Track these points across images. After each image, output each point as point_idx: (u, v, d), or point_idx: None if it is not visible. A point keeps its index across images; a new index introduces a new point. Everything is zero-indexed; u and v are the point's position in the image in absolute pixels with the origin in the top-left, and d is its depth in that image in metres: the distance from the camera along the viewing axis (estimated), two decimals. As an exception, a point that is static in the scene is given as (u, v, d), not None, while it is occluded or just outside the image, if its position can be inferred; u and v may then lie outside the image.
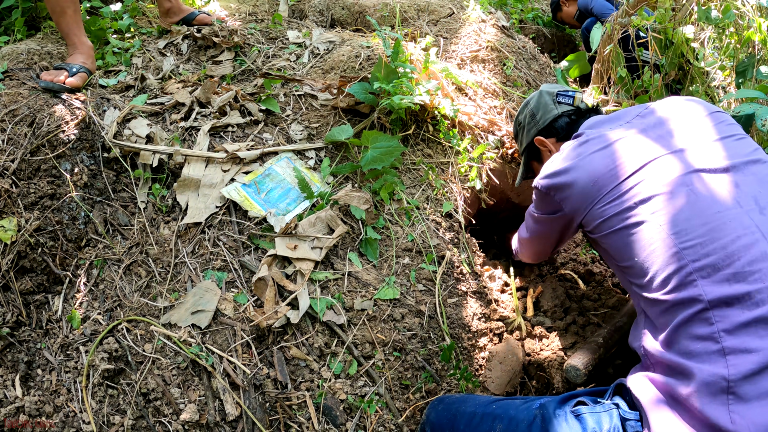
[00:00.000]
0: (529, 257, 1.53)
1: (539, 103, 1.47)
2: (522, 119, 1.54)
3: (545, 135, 1.45)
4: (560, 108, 1.43)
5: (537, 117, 1.47)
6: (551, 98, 1.45)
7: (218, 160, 1.51)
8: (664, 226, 0.97)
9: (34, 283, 1.30)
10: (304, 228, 1.40)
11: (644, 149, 1.07)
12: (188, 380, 1.23)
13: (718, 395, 0.84)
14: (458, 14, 2.43)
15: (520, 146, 1.59)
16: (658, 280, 0.97)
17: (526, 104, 1.53)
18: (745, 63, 2.01)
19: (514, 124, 1.60)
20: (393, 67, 1.60)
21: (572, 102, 1.43)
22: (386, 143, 1.53)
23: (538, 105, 1.47)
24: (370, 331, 1.36)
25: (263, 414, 1.22)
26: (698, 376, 0.87)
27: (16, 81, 1.57)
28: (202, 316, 1.29)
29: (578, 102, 1.43)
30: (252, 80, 1.81)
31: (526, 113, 1.51)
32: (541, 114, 1.46)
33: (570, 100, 1.43)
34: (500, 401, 1.13)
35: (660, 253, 0.97)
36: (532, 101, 1.50)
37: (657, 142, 1.08)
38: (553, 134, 1.44)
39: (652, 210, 1.00)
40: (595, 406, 1.00)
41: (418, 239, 1.54)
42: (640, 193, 1.02)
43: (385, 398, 1.31)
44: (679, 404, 0.90)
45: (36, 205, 1.35)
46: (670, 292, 0.95)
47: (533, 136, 1.48)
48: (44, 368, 1.24)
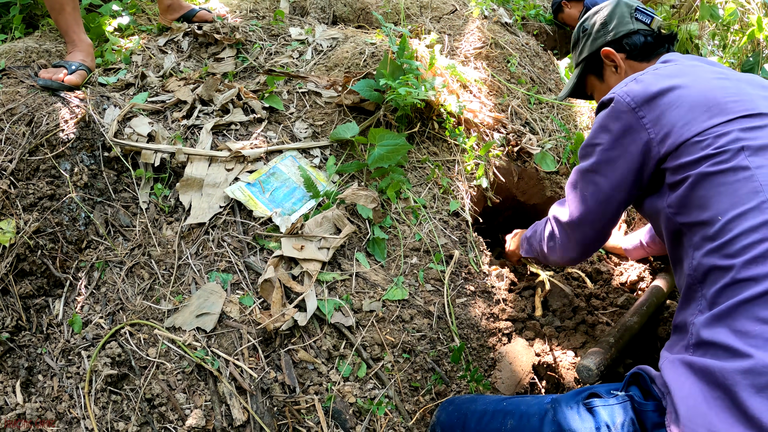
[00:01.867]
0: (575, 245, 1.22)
1: (614, 12, 1.33)
2: (588, 26, 1.39)
3: (615, 48, 1.32)
4: (637, 24, 1.30)
5: (609, 27, 1.33)
6: (629, 10, 1.32)
7: (221, 158, 1.48)
8: (766, 186, 0.87)
9: (33, 287, 1.27)
10: (310, 228, 1.37)
11: (756, 99, 0.96)
12: (194, 385, 1.20)
13: (764, 389, 0.75)
14: (461, 11, 2.41)
15: (577, 55, 1.45)
16: (739, 245, 0.86)
17: (597, 11, 1.39)
18: (751, 62, 2.00)
19: (577, 29, 1.45)
20: (399, 63, 1.57)
21: (650, 23, 1.31)
22: (393, 141, 1.51)
23: (612, 14, 1.34)
24: (379, 332, 1.33)
25: (271, 419, 1.19)
26: (749, 362, 0.78)
27: (14, 79, 1.54)
28: (207, 319, 1.26)
29: (656, 24, 1.31)
30: (254, 77, 1.78)
31: (596, 20, 1.37)
32: (615, 24, 1.32)
33: (648, 20, 1.31)
34: (511, 398, 1.10)
35: (751, 216, 0.86)
36: (605, 9, 1.36)
37: (765, 101, 0.97)
38: (624, 50, 1.31)
39: (758, 164, 0.88)
40: (608, 399, 0.94)
41: (426, 238, 1.51)
42: (751, 140, 0.90)
43: (394, 401, 1.29)
44: (716, 391, 0.81)
45: (35, 206, 1.32)
46: (747, 263, 0.84)
47: (600, 46, 1.34)
48: (45, 374, 1.20)
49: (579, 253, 1.24)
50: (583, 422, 0.92)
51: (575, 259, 1.27)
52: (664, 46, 1.30)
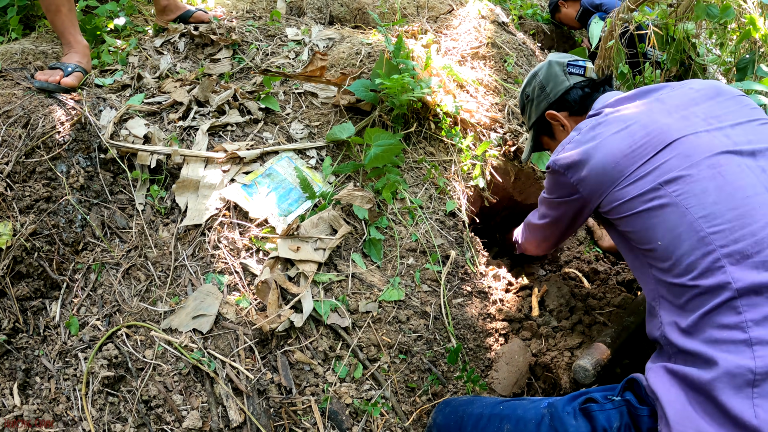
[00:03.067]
0: (535, 247, 1.45)
1: (549, 74, 1.38)
2: (530, 91, 1.44)
3: (557, 108, 1.37)
4: (572, 79, 1.34)
5: (547, 89, 1.38)
6: (561, 69, 1.36)
7: (218, 160, 1.48)
8: (691, 209, 0.93)
9: (30, 289, 1.27)
10: (306, 229, 1.37)
11: (668, 128, 1.02)
12: (190, 386, 1.20)
13: (743, 388, 0.80)
14: (458, 11, 2.41)
15: (528, 120, 1.51)
16: (684, 264, 0.93)
17: (534, 75, 1.43)
18: (746, 60, 1.99)
19: (521, 96, 1.50)
20: (395, 63, 1.57)
21: (584, 72, 1.34)
22: (388, 141, 1.51)
23: (548, 76, 1.38)
24: (375, 333, 1.34)
25: (268, 420, 1.19)
26: (722, 366, 0.82)
27: (10, 81, 1.54)
28: (204, 320, 1.26)
29: (590, 73, 1.35)
30: (251, 78, 1.78)
31: (535, 85, 1.42)
32: (552, 86, 1.36)
33: (581, 71, 1.34)
34: (508, 402, 1.10)
35: (686, 237, 0.92)
36: (541, 72, 1.41)
37: (681, 122, 1.03)
38: (565, 107, 1.36)
39: (677, 191, 0.95)
40: (605, 403, 0.97)
41: (422, 239, 1.52)
42: (665, 174, 0.97)
43: (391, 402, 1.29)
44: (699, 396, 0.85)
45: (31, 208, 1.32)
46: (696, 278, 0.91)
47: (544, 110, 1.39)
48: (43, 376, 1.21)
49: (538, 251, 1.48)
50: (580, 427, 0.94)
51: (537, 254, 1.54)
52: (601, 91, 1.33)
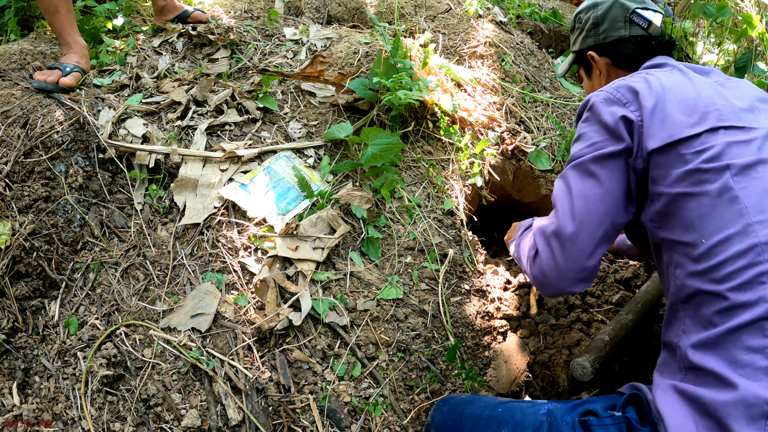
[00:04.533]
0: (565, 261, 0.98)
1: (608, 14, 1.24)
2: (583, 19, 1.31)
3: (600, 51, 1.26)
4: (631, 30, 1.20)
5: (600, 29, 1.25)
6: (624, 13, 1.21)
7: (216, 159, 1.48)
8: (750, 210, 0.83)
9: (29, 288, 1.27)
10: (305, 228, 1.38)
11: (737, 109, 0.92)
12: (189, 385, 1.20)
13: (757, 420, 0.74)
14: (455, 10, 2.41)
15: (571, 42, 1.40)
16: (725, 271, 0.82)
17: (594, 5, 1.29)
18: (744, 58, 2.00)
19: (574, 17, 1.36)
20: (392, 62, 1.58)
21: (647, 27, 1.19)
22: (386, 140, 1.51)
23: (605, 15, 1.24)
24: (374, 331, 1.34)
25: (266, 418, 1.19)
26: (740, 393, 0.76)
27: (9, 81, 1.54)
28: (202, 319, 1.26)
29: (654, 30, 1.20)
30: (249, 78, 1.78)
31: (590, 16, 1.28)
32: (605, 27, 1.23)
33: (645, 24, 1.20)
34: (506, 404, 1.09)
35: (737, 241, 0.82)
36: (601, 6, 1.26)
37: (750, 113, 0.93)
38: (609, 55, 1.25)
39: (744, 184, 0.84)
40: (605, 418, 0.92)
41: (420, 237, 1.52)
42: (735, 157, 0.85)
43: (389, 400, 1.29)
44: (709, 422, 0.79)
45: (30, 208, 1.32)
46: (734, 289, 0.81)
47: (588, 46, 1.28)
48: (42, 375, 1.21)
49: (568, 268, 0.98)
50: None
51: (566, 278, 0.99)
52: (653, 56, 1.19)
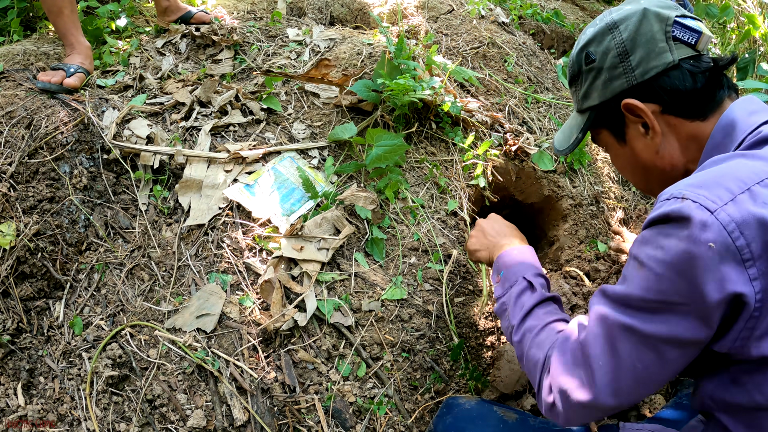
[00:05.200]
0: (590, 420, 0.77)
1: (639, 32, 0.80)
2: (596, 53, 0.85)
3: (642, 96, 0.81)
4: (678, 50, 0.78)
5: (633, 59, 0.80)
6: (662, 27, 0.79)
7: (220, 160, 1.49)
8: None
9: (34, 289, 1.28)
10: (310, 229, 1.38)
11: None
12: (194, 385, 1.20)
13: None
14: (458, 11, 2.42)
15: (579, 98, 0.92)
16: None
17: (612, 27, 0.83)
18: (746, 59, 2.00)
19: (577, 55, 0.90)
20: (396, 63, 1.58)
21: (696, 41, 0.78)
22: (390, 141, 1.51)
23: (636, 35, 0.80)
24: (378, 332, 1.34)
25: (272, 418, 1.20)
26: None
27: (13, 82, 1.54)
28: (207, 319, 1.26)
29: (706, 44, 0.79)
30: (252, 79, 1.78)
31: (612, 46, 0.82)
32: (642, 55, 0.79)
33: (693, 38, 0.78)
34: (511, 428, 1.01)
35: None
36: (627, 24, 0.81)
37: None
38: (658, 99, 0.80)
39: None
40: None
41: (424, 238, 1.52)
42: None
43: (394, 400, 1.30)
44: None
45: (35, 208, 1.32)
46: None
47: (619, 93, 0.83)
48: (46, 376, 1.21)
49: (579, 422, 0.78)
50: None
51: None
52: (723, 85, 0.80)
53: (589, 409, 0.72)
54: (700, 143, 0.80)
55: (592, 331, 0.72)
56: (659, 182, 0.85)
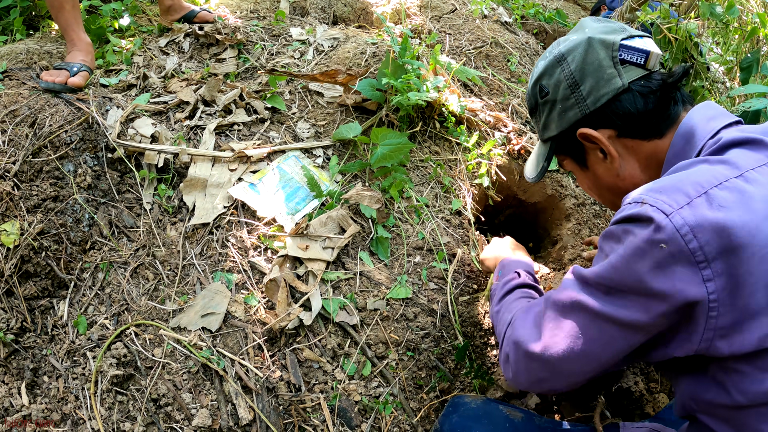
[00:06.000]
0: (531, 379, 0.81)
1: (587, 62, 0.81)
2: (549, 86, 0.87)
3: (595, 123, 0.83)
4: (626, 74, 0.79)
5: (583, 88, 0.81)
6: (608, 53, 0.80)
7: (225, 159, 1.48)
8: None
9: (38, 288, 1.27)
10: (315, 228, 1.38)
11: None
12: (199, 385, 1.20)
13: None
14: (461, 10, 2.42)
15: (540, 128, 0.95)
16: None
17: (560, 59, 0.85)
18: (750, 59, 2.00)
19: (531, 88, 0.93)
20: (401, 63, 1.58)
21: (645, 61, 0.78)
22: (395, 140, 1.51)
23: (584, 65, 0.81)
24: (384, 331, 1.34)
25: (277, 417, 1.19)
26: None
27: (16, 81, 1.54)
28: (213, 318, 1.26)
29: (655, 61, 0.79)
30: (256, 78, 1.78)
31: (562, 78, 0.84)
32: (591, 84, 0.81)
33: (641, 58, 0.78)
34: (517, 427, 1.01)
35: None
36: (573, 54, 0.83)
37: None
38: (611, 124, 0.82)
39: None
40: None
41: (429, 237, 1.52)
42: None
43: (399, 398, 1.29)
44: None
45: (39, 207, 1.32)
46: None
47: (573, 123, 0.85)
48: (51, 375, 1.21)
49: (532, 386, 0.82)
50: None
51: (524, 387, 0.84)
52: (677, 100, 0.80)
53: (536, 362, 0.77)
54: (660, 160, 0.82)
55: (555, 300, 0.78)
56: None
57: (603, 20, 0.87)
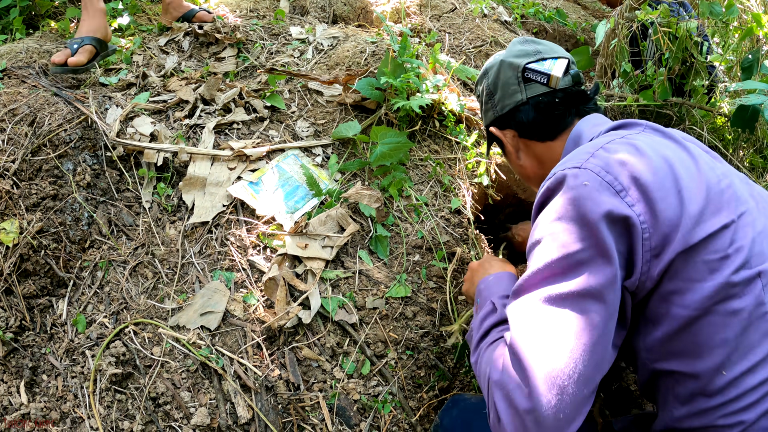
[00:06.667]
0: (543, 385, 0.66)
1: (498, 79, 1.03)
2: (479, 91, 1.14)
3: (501, 125, 1.05)
4: (529, 90, 0.98)
5: (495, 98, 1.05)
6: (515, 74, 1.00)
7: (224, 157, 1.48)
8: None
9: (37, 287, 1.27)
10: (314, 226, 1.38)
11: (732, 193, 0.73)
12: (198, 383, 1.20)
13: None
14: (460, 9, 2.41)
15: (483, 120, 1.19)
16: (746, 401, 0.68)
17: (484, 74, 1.10)
18: (750, 59, 2.00)
19: (474, 91, 1.22)
20: (400, 62, 1.58)
21: (548, 81, 0.96)
22: (395, 139, 1.51)
23: (496, 81, 1.04)
24: (383, 329, 1.34)
25: (276, 416, 1.19)
26: None
27: (16, 80, 1.54)
28: (212, 317, 1.26)
29: (557, 82, 0.96)
30: (256, 77, 1.78)
31: (483, 87, 1.10)
32: (500, 96, 1.03)
33: (544, 79, 0.96)
34: None
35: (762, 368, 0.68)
36: (491, 72, 1.07)
37: (732, 189, 0.74)
38: (512, 126, 1.03)
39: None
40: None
41: (428, 236, 1.52)
42: (761, 257, 0.69)
43: (398, 397, 1.29)
44: None
45: (38, 206, 1.32)
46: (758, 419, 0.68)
47: (491, 121, 1.08)
48: (50, 374, 1.21)
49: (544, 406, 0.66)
50: None
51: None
52: (571, 113, 0.96)
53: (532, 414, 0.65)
54: (553, 157, 1.00)
55: (515, 328, 0.71)
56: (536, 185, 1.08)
57: (524, 44, 1.05)
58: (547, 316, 0.68)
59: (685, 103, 2.05)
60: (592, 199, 0.69)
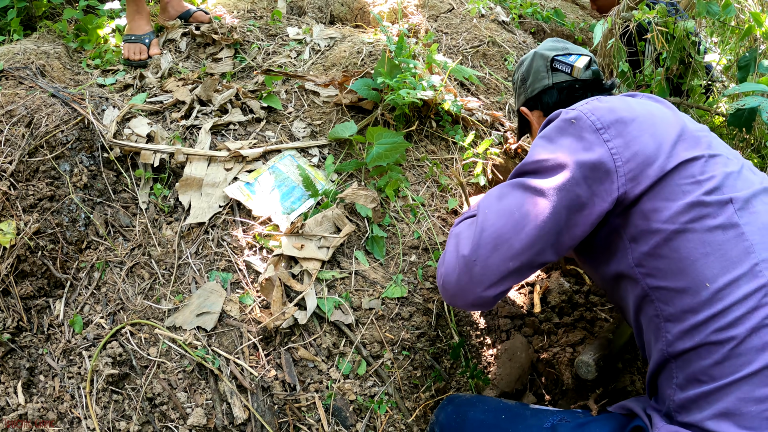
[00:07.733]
0: (466, 284, 0.89)
1: (531, 67, 1.26)
2: (514, 79, 1.36)
3: (531, 106, 1.27)
4: (554, 77, 1.20)
5: (527, 83, 1.27)
6: (545, 63, 1.22)
7: (220, 158, 1.49)
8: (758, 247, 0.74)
9: (34, 288, 1.27)
10: (310, 227, 1.38)
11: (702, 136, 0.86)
12: (195, 384, 1.20)
13: None
14: (458, 9, 2.41)
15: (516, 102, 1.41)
16: (731, 317, 0.72)
17: (521, 64, 1.32)
18: (747, 57, 1.99)
19: (512, 78, 1.43)
20: (396, 62, 1.58)
21: (570, 71, 1.18)
22: (391, 139, 1.51)
23: (528, 69, 1.27)
24: (379, 330, 1.34)
25: (272, 416, 1.19)
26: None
27: (13, 81, 1.54)
28: (208, 318, 1.26)
29: (579, 73, 1.18)
30: (253, 77, 1.78)
31: (518, 76, 1.32)
32: (531, 81, 1.25)
33: (568, 69, 1.18)
34: (510, 411, 1.06)
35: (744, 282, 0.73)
36: (525, 62, 1.29)
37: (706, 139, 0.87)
38: (540, 107, 1.25)
39: (747, 219, 0.76)
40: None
41: (425, 236, 1.52)
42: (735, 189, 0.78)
43: (394, 398, 1.30)
44: None
45: (35, 207, 1.32)
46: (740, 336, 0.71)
47: (521, 104, 1.30)
48: (47, 374, 1.21)
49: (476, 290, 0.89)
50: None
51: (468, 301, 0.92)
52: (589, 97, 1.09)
53: (465, 260, 0.88)
54: None
55: (485, 199, 0.95)
56: None
57: (555, 42, 1.29)
58: (509, 197, 0.89)
59: (682, 102, 2.05)
60: (576, 133, 0.88)
